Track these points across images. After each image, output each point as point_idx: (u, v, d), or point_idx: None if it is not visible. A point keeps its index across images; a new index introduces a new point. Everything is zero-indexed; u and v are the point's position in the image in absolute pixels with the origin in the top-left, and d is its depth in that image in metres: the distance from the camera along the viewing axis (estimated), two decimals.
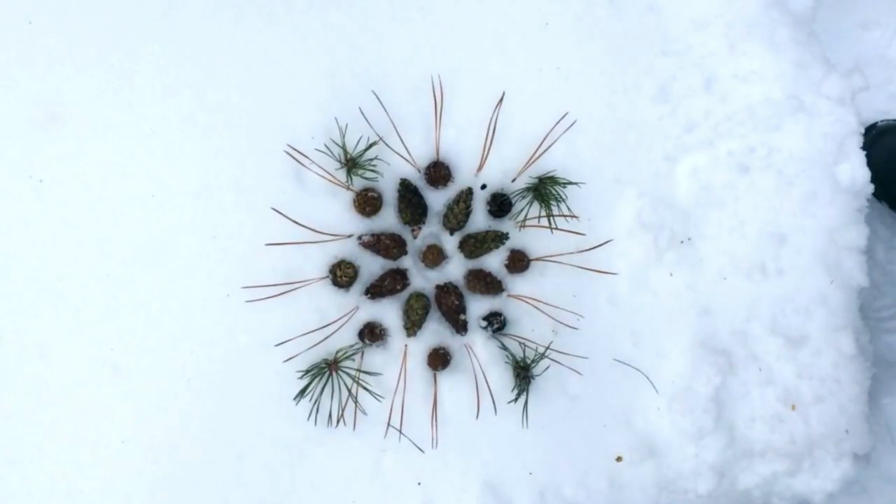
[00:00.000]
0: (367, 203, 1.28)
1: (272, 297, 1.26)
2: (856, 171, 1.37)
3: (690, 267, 1.35)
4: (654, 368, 1.34)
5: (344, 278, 1.27)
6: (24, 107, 1.25)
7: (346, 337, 1.29)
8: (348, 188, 1.28)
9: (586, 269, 1.32)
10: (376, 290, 1.29)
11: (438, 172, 1.30)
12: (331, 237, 1.28)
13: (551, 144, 1.32)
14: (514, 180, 1.32)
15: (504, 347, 1.30)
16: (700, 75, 1.37)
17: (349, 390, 1.26)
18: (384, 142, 1.28)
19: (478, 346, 1.32)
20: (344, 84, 1.29)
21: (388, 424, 1.28)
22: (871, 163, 1.34)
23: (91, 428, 1.25)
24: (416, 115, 1.29)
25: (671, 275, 1.35)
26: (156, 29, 1.27)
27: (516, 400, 1.28)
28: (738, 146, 1.37)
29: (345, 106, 1.27)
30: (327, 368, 1.25)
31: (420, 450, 1.29)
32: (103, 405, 1.25)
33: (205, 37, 1.28)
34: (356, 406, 1.27)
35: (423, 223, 1.33)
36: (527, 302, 1.32)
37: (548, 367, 1.28)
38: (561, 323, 1.32)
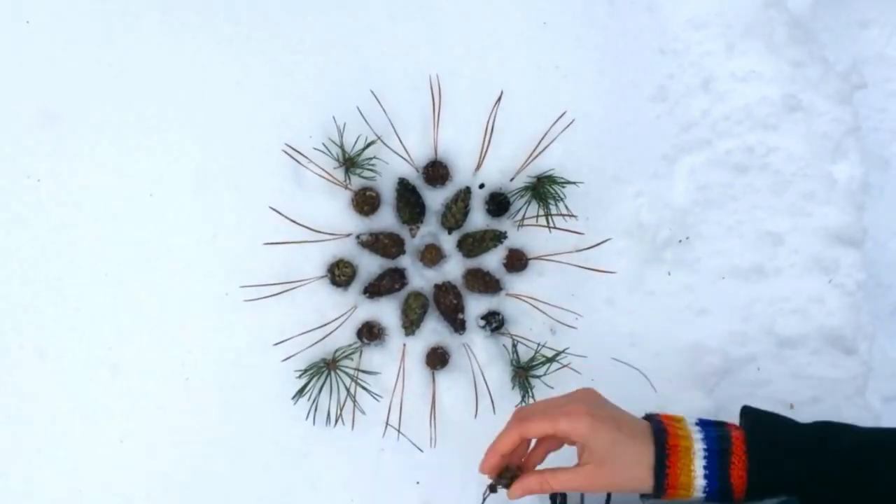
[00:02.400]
0: (366, 202, 1.28)
1: (270, 296, 1.26)
2: (853, 169, 1.38)
3: (688, 266, 1.35)
4: (651, 368, 1.34)
5: (342, 277, 1.27)
6: (22, 106, 1.25)
7: (345, 336, 1.29)
8: (346, 187, 1.28)
9: (584, 268, 1.32)
10: (375, 290, 1.29)
11: (437, 171, 1.30)
12: (329, 236, 1.28)
13: (549, 143, 1.32)
14: (512, 179, 1.32)
15: (513, 351, 1.29)
16: (698, 74, 1.37)
17: (348, 389, 1.27)
18: (382, 141, 1.28)
19: (476, 345, 1.32)
20: (342, 83, 1.29)
21: (387, 423, 1.29)
22: None
23: (90, 428, 1.25)
24: (415, 115, 1.29)
25: (669, 274, 1.35)
26: (153, 28, 1.27)
27: (520, 405, 1.28)
28: (736, 145, 1.37)
29: (343, 105, 1.27)
30: (326, 368, 1.25)
31: (419, 449, 1.29)
32: (102, 405, 1.25)
33: (202, 35, 1.28)
34: (354, 405, 1.27)
35: (422, 222, 1.33)
36: (525, 301, 1.32)
37: (547, 371, 1.28)
38: (559, 322, 1.32)
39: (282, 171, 1.27)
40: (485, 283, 1.32)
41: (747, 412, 1.05)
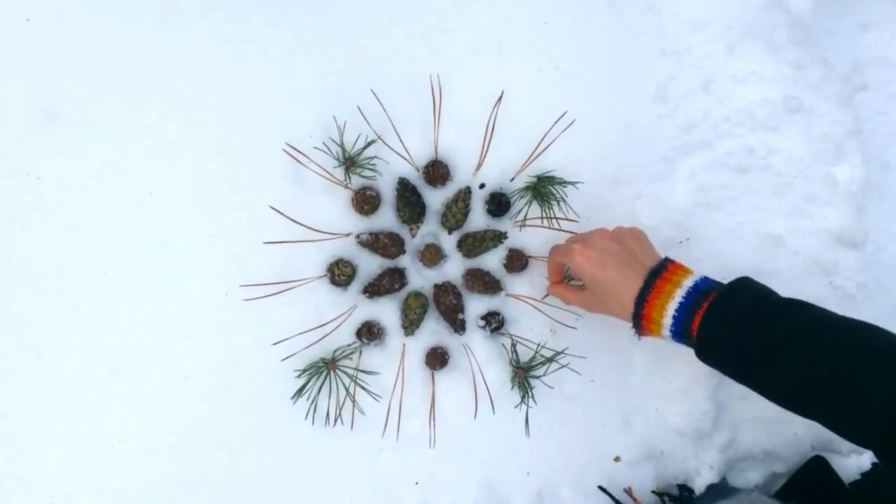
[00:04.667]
0: (366, 202, 1.28)
1: (270, 295, 1.26)
2: (854, 172, 1.37)
3: None
4: (652, 368, 1.34)
5: (342, 277, 1.27)
6: (22, 105, 1.25)
7: (344, 336, 1.29)
8: (346, 187, 1.28)
9: None
10: (374, 289, 1.29)
11: (437, 171, 1.30)
12: (329, 236, 1.27)
13: (550, 144, 1.32)
14: (512, 180, 1.32)
15: (513, 352, 1.29)
16: (699, 76, 1.37)
17: (347, 389, 1.26)
18: (383, 140, 1.28)
19: (476, 346, 1.32)
20: (342, 83, 1.29)
21: (386, 424, 1.28)
22: None
23: (88, 427, 1.25)
24: (415, 114, 1.29)
25: None
26: (154, 27, 1.27)
27: (519, 406, 1.28)
28: (737, 147, 1.37)
29: (343, 104, 1.27)
30: (325, 367, 1.25)
31: (418, 449, 1.29)
32: (100, 404, 1.25)
33: (203, 35, 1.28)
34: (354, 405, 1.27)
35: (422, 222, 1.33)
36: (525, 301, 1.32)
37: (546, 371, 1.27)
38: (559, 322, 1.32)
39: (282, 170, 1.27)
40: (485, 283, 1.31)
41: (740, 279, 1.11)
